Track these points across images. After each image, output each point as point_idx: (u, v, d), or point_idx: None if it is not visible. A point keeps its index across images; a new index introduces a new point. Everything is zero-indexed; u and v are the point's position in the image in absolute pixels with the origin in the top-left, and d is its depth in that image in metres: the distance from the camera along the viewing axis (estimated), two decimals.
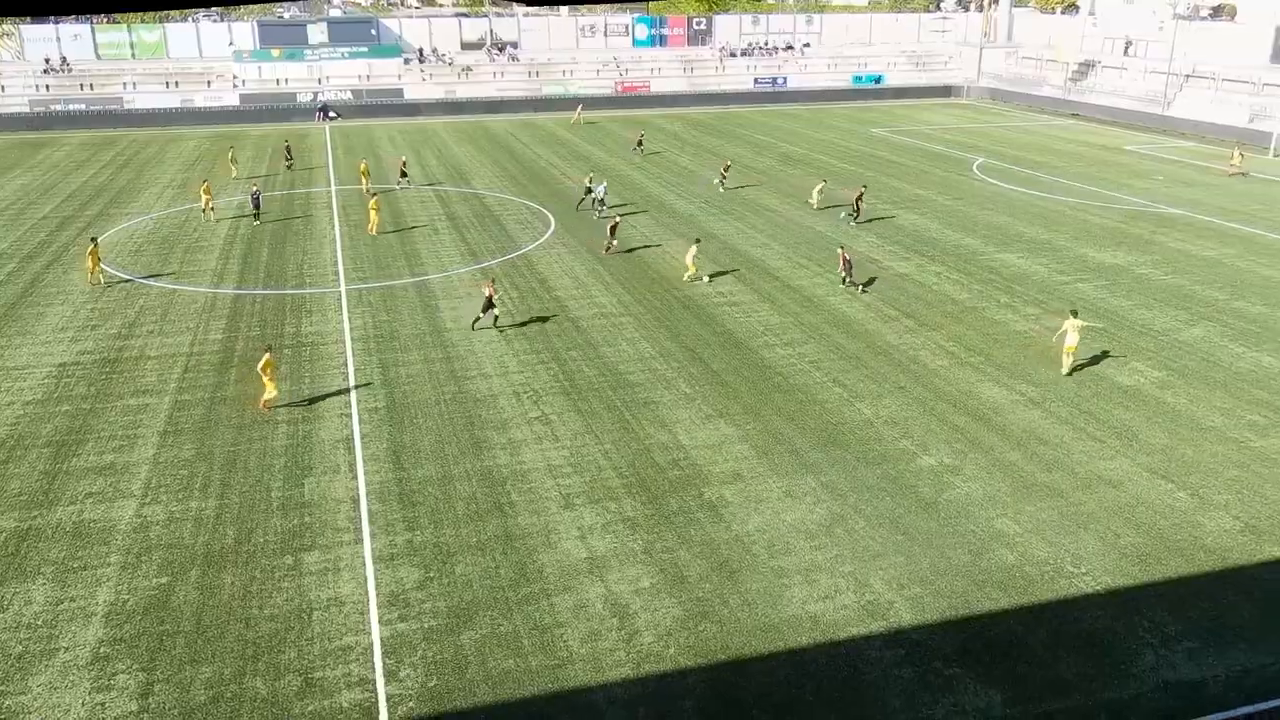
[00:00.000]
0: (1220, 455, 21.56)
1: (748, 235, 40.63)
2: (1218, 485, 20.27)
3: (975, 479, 20.52)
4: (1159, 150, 63.11)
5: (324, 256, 37.71)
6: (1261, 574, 17.25)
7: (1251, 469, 20.94)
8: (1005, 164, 57.32)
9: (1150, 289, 33.41)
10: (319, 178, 53.79)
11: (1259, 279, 34.54)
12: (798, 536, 18.33)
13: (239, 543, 18.10)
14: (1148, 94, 75.93)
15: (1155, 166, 57.18)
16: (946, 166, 56.68)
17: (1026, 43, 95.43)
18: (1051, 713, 13.93)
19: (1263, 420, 23.25)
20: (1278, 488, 20.12)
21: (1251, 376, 25.84)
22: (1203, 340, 28.50)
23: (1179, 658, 15.07)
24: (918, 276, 34.86)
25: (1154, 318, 30.46)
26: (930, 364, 26.71)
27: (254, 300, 32.36)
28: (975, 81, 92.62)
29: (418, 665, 14.87)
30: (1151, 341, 28.40)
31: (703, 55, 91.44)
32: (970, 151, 61.82)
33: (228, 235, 40.97)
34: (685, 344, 28.16)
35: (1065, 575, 17.19)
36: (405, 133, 70.52)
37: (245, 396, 24.53)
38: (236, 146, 59.54)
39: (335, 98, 78.69)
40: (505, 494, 19.86)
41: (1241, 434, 22.55)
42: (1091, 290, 33.20)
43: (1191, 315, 30.71)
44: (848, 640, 15.47)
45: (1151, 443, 22.15)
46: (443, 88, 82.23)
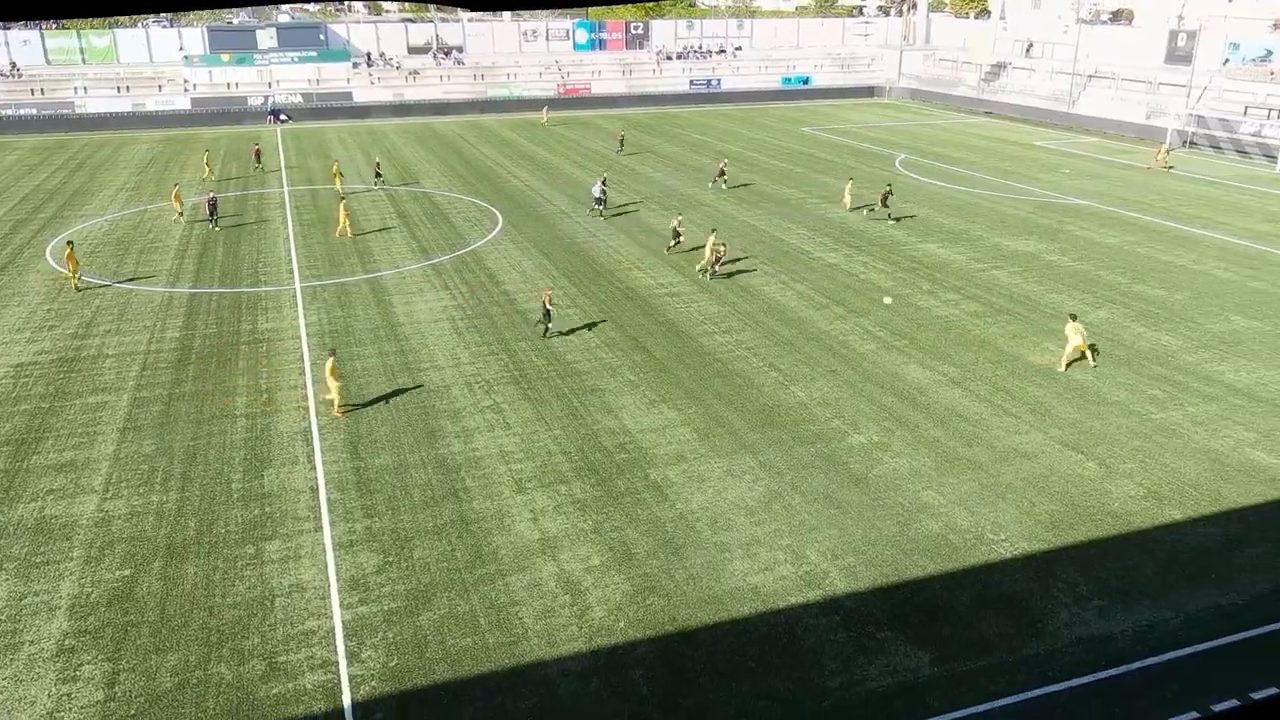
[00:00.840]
0: (1124, 427, 22.17)
1: (686, 229, 40.68)
2: (1122, 455, 20.85)
3: (902, 455, 20.85)
4: (1066, 146, 64.48)
5: (278, 255, 37.01)
6: (1162, 536, 17.80)
7: (1152, 439, 21.57)
8: (925, 159, 58.14)
9: (1059, 275, 34.18)
10: (272, 179, 52.72)
11: (1157, 264, 35.53)
12: (738, 513, 18.49)
13: (201, 534, 17.76)
14: (1054, 93, 77.49)
15: (1062, 161, 58.44)
16: (871, 162, 57.33)
17: (943, 45, 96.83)
18: (976, 671, 14.25)
19: (1162, 394, 23.96)
20: (1176, 456, 20.77)
21: (1151, 354, 26.59)
22: (1107, 321, 29.25)
23: (1090, 615, 15.50)
24: (845, 266, 35.25)
25: (1063, 300, 31.18)
26: (859, 348, 27.05)
27: (210, 299, 31.66)
28: (896, 82, 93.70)
29: (379, 646, 14.74)
30: (1061, 323, 29.05)
31: (641, 58, 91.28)
32: (893, 148, 62.60)
33: (183, 236, 39.99)
34: (629, 334, 28.18)
35: (986, 542, 17.56)
36: (355, 134, 69.38)
37: (203, 393, 24.03)
38: (211, 150, 58.06)
39: (286, 101, 77.10)
40: (460, 480, 19.73)
41: (1143, 407, 23.21)
42: (1006, 277, 33.87)
43: (1097, 298, 31.49)
44: (787, 609, 15.66)
45: (1062, 417, 22.69)
46: (391, 90, 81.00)
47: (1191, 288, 32.43)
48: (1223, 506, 18.75)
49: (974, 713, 13.44)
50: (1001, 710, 13.49)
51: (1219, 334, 28.13)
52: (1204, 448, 21.15)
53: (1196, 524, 18.16)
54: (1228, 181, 52.14)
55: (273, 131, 71.09)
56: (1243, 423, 22.34)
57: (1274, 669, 14.20)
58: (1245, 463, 20.46)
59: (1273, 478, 19.80)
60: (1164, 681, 14.03)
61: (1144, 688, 13.91)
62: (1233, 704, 13.37)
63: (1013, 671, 14.23)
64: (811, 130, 71.35)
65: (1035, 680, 14.02)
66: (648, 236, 39.48)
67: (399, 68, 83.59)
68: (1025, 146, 63.96)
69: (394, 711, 13.48)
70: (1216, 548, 17.37)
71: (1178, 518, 18.39)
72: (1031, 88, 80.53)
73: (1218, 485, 19.54)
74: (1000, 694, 13.76)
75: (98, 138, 68.44)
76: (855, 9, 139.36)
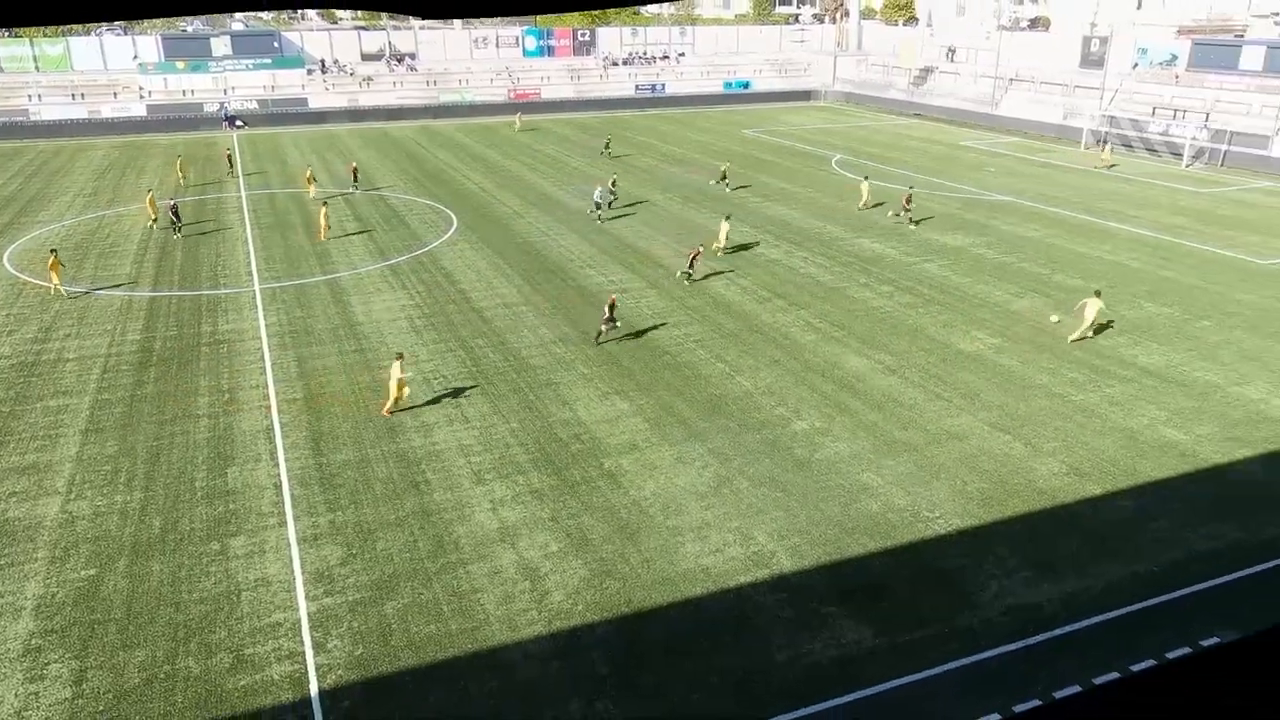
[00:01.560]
0: (1047, 409, 22.66)
1: (635, 228, 40.71)
2: (1046, 435, 21.32)
3: (842, 439, 21.09)
4: (990, 145, 65.61)
5: (237, 258, 36.26)
6: (1084, 510, 18.24)
7: (1074, 420, 22.08)
8: (860, 159, 58.74)
9: (985, 267, 34.81)
10: (229, 183, 51.61)
11: (1073, 255, 36.35)
12: (689, 498, 18.56)
13: (165, 532, 17.37)
14: (979, 96, 78.78)
15: (987, 160, 59.47)
16: (809, 163, 57.81)
17: (874, 51, 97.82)
18: (914, 642, 14.49)
19: (1081, 378, 24.53)
20: (1095, 435, 21.29)
21: (1076, 343, 27.18)
22: (1030, 310, 29.85)
23: (1019, 586, 15.83)
24: (787, 261, 35.53)
25: (989, 291, 31.76)
26: (800, 339, 27.29)
27: (170, 302, 30.93)
28: (831, 86, 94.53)
29: (344, 636, 14.56)
30: (988, 312, 29.62)
31: (588, 64, 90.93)
32: (829, 149, 63.17)
33: (141, 241, 38.99)
34: (582, 329, 28.10)
35: (922, 520, 17.84)
36: (311, 139, 68.19)
37: (165, 394, 23.49)
38: (184, 156, 56.50)
39: (242, 107, 75.47)
40: (420, 473, 19.55)
41: (1064, 390, 23.75)
42: (936, 270, 34.41)
43: (1020, 288, 32.12)
44: (736, 588, 15.77)
45: (991, 401, 23.13)
46: (345, 96, 79.74)
47: (1107, 277, 33.22)
48: (1137, 481, 19.27)
49: (913, 681, 13.67)
50: (938, 678, 13.73)
51: (1132, 320, 28.87)
52: (1120, 426, 21.70)
53: (1114, 498, 18.64)
54: (1138, 178, 53.49)
55: (229, 137, 69.58)
56: (1155, 402, 22.97)
57: (1186, 631, 14.64)
58: (1158, 439, 21.04)
59: (1182, 453, 20.39)
60: (1086, 646, 14.39)
61: (1069, 652, 14.24)
62: (1149, 664, 13.77)
63: (948, 641, 14.49)
64: (752, 132, 71.72)
65: (969, 649, 14.30)
66: (598, 236, 39.39)
67: (353, 74, 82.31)
68: (953, 146, 64.95)
69: (360, 699, 13.33)
70: (1132, 519, 17.85)
71: (1097, 492, 18.86)
72: (957, 91, 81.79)
73: (1133, 461, 20.07)
74: (937, 662, 14.01)
75: (53, 145, 66.36)
76: (791, 17, 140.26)
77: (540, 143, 66.24)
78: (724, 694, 13.41)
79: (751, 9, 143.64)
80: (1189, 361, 25.53)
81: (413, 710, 13.12)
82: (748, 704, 13.22)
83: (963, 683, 13.63)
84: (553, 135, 69.98)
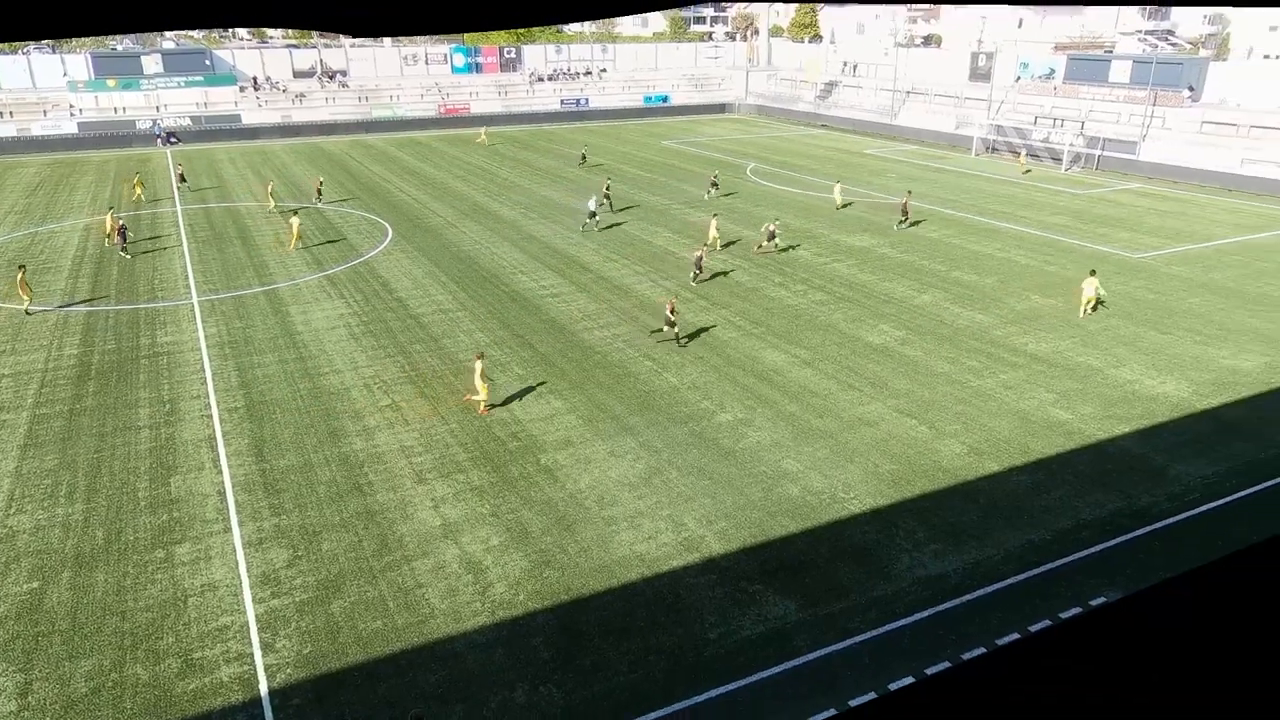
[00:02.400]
0: (949, 395, 23.30)
1: (563, 235, 40.55)
2: (948, 418, 21.91)
3: (764, 429, 21.35)
4: (890, 153, 67.12)
5: (174, 271, 34.99)
6: (983, 486, 18.80)
7: (972, 404, 22.75)
8: (772, 167, 59.53)
9: (889, 265, 35.61)
10: (165, 198, 49.76)
11: (969, 254, 37.44)
12: (622, 489, 18.57)
13: (109, 542, 16.68)
14: (879, 107, 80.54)
15: (888, 166, 60.82)
16: (725, 171, 58.31)
17: (783, 66, 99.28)
18: (835, 613, 14.75)
19: (978, 365, 25.28)
20: (993, 417, 21.97)
21: (968, 331, 28.03)
22: (931, 304, 30.65)
23: (927, 558, 16.24)
24: (707, 264, 35.75)
25: (893, 288, 32.51)
26: (722, 336, 27.53)
27: (107, 316, 29.69)
28: (744, 99, 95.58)
29: (292, 636, 14.18)
30: (893, 308, 30.31)
31: (515, 80, 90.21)
32: (743, 158, 63.84)
33: (75, 256, 37.34)
34: (516, 332, 27.89)
35: (838, 500, 18.17)
36: (246, 154, 66.18)
37: (105, 407, 22.55)
38: (143, 172, 54.19)
39: (175, 124, 72.84)
40: (363, 475, 19.15)
41: (964, 377, 24.45)
42: (845, 269, 35.07)
43: (921, 284, 32.95)
44: (669, 571, 15.84)
45: (897, 388, 23.67)
46: (279, 113, 77.57)
47: (998, 273, 34.30)
48: (1030, 457, 19.95)
49: (835, 650, 13.92)
50: (858, 645, 14.01)
51: (1021, 311, 29.87)
52: (1014, 408, 22.43)
53: (1010, 473, 19.26)
54: (1023, 181, 55.36)
55: (163, 154, 67.11)
56: (1044, 385, 23.81)
57: (1077, 593, 15.21)
58: (1047, 419, 21.82)
59: (1069, 431, 21.18)
60: (989, 610, 14.84)
61: (974, 616, 14.68)
62: (1045, 624, 14.27)
63: (865, 611, 14.79)
64: (672, 143, 72.06)
65: (885, 617, 14.62)
66: (528, 243, 39.13)
67: (285, 91, 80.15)
68: (856, 154, 66.24)
69: (310, 696, 13.01)
70: (1026, 492, 18.47)
71: (995, 469, 19.45)
72: (859, 103, 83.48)
73: (1026, 440, 20.77)
74: (856, 631, 14.29)
75: None
76: (705, 35, 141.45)
77: (470, 155, 65.50)
78: (661, 671, 13.46)
79: (668, 27, 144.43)
80: (1072, 348, 26.52)
81: (363, 704, 12.86)
82: (683, 679, 13.30)
83: (880, 649, 13.94)
84: (481, 149, 69.24)
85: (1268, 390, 23.39)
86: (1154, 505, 17.91)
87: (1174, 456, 19.85)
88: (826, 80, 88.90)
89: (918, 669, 13.35)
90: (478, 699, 12.91)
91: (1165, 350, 26.24)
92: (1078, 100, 65.44)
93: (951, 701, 1.49)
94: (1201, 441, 20.54)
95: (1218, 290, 32.12)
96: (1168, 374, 24.47)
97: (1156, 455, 19.93)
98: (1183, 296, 31.28)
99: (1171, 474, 19.12)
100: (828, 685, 13.15)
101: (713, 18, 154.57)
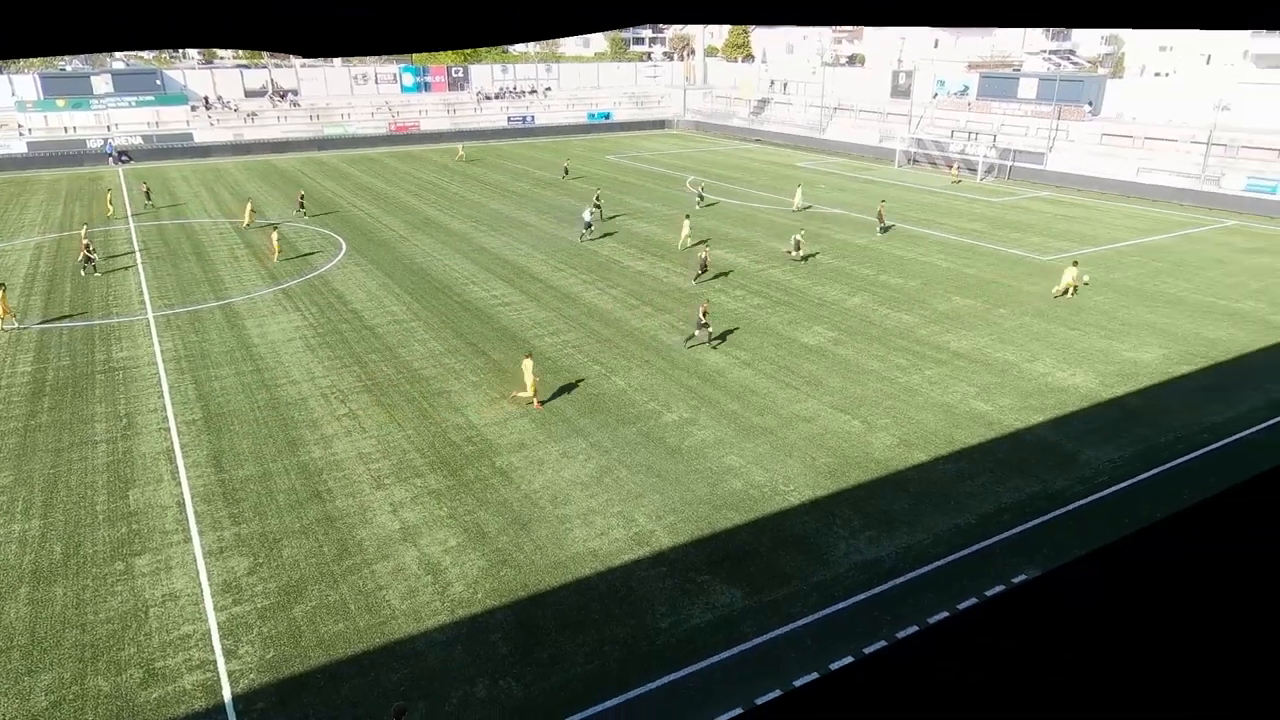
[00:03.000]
0: (879, 390, 23.70)
1: (514, 247, 40.29)
2: (879, 413, 22.29)
3: (708, 427, 21.46)
4: (820, 165, 68.07)
5: (129, 287, 33.87)
6: (913, 475, 19.17)
7: (901, 399, 23.18)
8: (710, 180, 59.89)
9: (821, 271, 36.12)
10: (118, 216, 48.14)
11: (895, 259, 38.17)
12: (575, 488, 18.50)
13: (67, 556, 16.05)
14: (809, 123, 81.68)
15: (819, 178, 61.69)
16: (666, 184, 58.57)
17: (718, 84, 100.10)
18: (778, 599, 14.89)
19: (906, 363, 25.78)
20: (919, 410, 22.41)
21: (896, 331, 28.56)
22: (860, 306, 31.17)
23: (863, 544, 16.49)
24: (651, 273, 35.88)
25: (826, 292, 32.97)
26: (666, 341, 27.61)
27: (61, 333, 28.61)
28: (682, 116, 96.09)
29: (255, 641, 13.82)
30: (826, 310, 30.74)
31: (462, 99, 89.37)
32: (683, 171, 64.13)
33: (28, 274, 35.90)
34: (469, 340, 27.61)
35: (779, 493, 18.35)
36: (199, 172, 64.41)
37: (61, 423, 21.72)
38: (114, 190, 52.57)
39: (127, 142, 70.53)
40: (322, 482, 18.76)
41: (892, 374, 24.90)
42: (780, 275, 35.46)
43: (852, 288, 33.49)
44: (621, 565, 15.82)
45: (832, 386, 24.00)
46: (231, 131, 75.62)
47: (922, 276, 35.03)
48: (955, 447, 20.40)
49: (779, 634, 14.05)
50: (800, 629, 14.16)
51: (944, 311, 30.55)
52: (939, 402, 22.92)
53: (937, 463, 19.67)
54: (943, 190, 56.65)
55: (115, 173, 64.96)
56: (965, 380, 24.37)
57: (1000, 572, 15.60)
58: (969, 411, 22.34)
59: (989, 422, 21.72)
60: (921, 591, 15.12)
61: (907, 597, 14.94)
62: (971, 601, 14.60)
63: (807, 596, 14.95)
64: (614, 158, 72.11)
65: (825, 601, 14.80)
66: (479, 255, 38.79)
67: (237, 110, 78.22)
68: (789, 167, 67.03)
69: (274, 699, 12.68)
70: (952, 480, 18.88)
71: (923, 459, 19.84)
72: (790, 119, 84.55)
73: (950, 431, 21.23)
74: (799, 615, 14.44)
75: None
76: (645, 55, 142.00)
77: (419, 170, 64.70)
78: (616, 660, 13.43)
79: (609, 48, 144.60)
80: (991, 344, 27.21)
81: (326, 704, 12.58)
82: (637, 668, 13.29)
83: (821, 631, 14.10)
84: (431, 164, 68.45)
85: (1166, 380, 24.30)
86: (1067, 488, 18.45)
87: (1084, 443, 20.49)
88: (759, 97, 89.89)
89: (856, 649, 13.54)
90: (439, 695, 12.73)
91: (1074, 345, 27.08)
92: (990, 115, 67.26)
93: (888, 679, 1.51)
94: (1108, 428, 21.23)
95: (1119, 289, 33.27)
96: (1077, 367, 25.25)
97: (1068, 442, 20.54)
98: (1088, 295, 32.32)
99: (1082, 459, 19.72)
100: (773, 668, 13.26)
101: (651, 38, 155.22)
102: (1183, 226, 45.48)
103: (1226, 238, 42.69)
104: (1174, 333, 28.16)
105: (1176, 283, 34.15)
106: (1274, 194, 49.05)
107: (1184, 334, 28.03)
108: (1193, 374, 24.64)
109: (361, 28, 1.14)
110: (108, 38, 1.07)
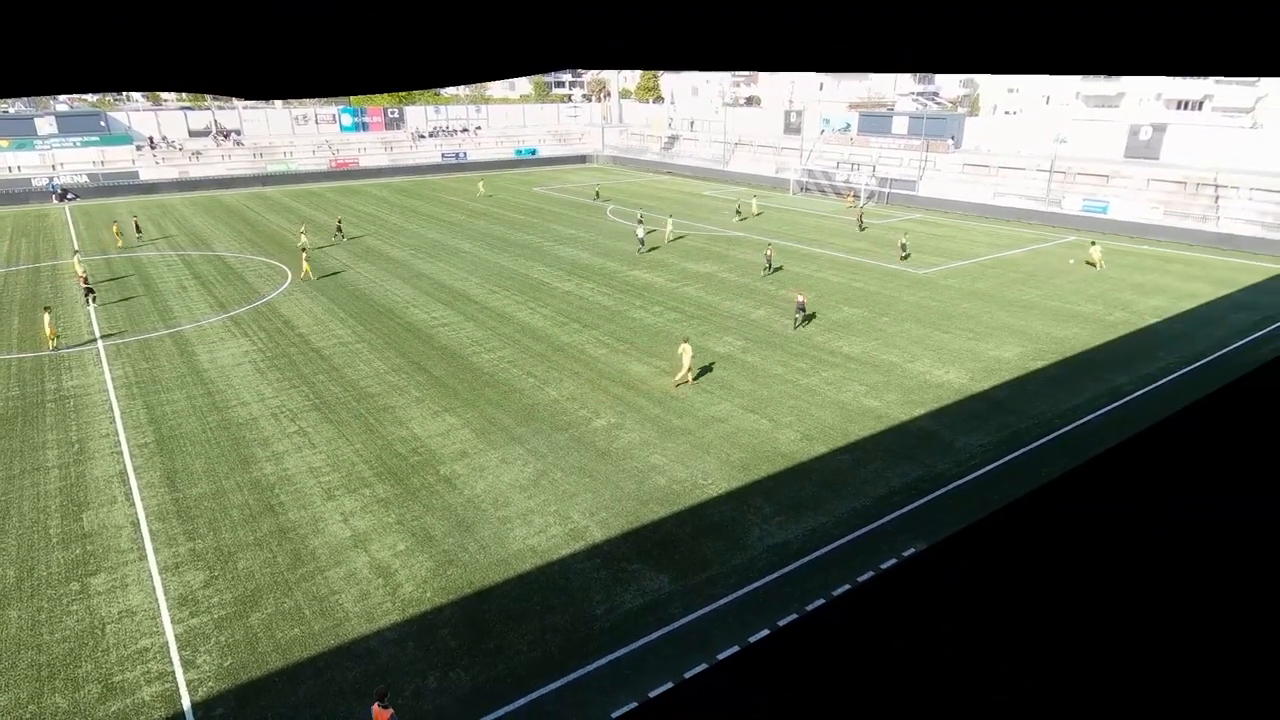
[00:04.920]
0: (783, 392, 24.15)
1: (450, 272, 39.64)
2: (784, 412, 22.71)
3: (633, 430, 21.49)
4: (724, 194, 69.17)
5: (77, 319, 31.95)
6: (816, 465, 19.58)
7: (802, 399, 23.67)
8: (628, 208, 60.23)
9: (729, 287, 36.66)
10: (64, 250, 45.40)
11: (793, 275, 39.03)
12: (514, 491, 18.26)
13: (21, 580, 14.98)
14: (713, 156, 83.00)
15: (723, 205, 62.69)
16: (588, 212, 58.61)
17: (633, 123, 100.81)
18: (701, 582, 14.98)
19: (806, 366, 26.35)
20: (818, 408, 22.93)
21: (796, 339, 29.17)
22: (764, 318, 31.74)
23: (774, 528, 16.75)
24: (578, 293, 35.80)
25: (733, 306, 33.47)
26: (594, 354, 27.57)
27: (9, 364, 26.77)
28: (601, 151, 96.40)
29: (213, 651, 13.14)
30: (734, 322, 31.20)
31: (399, 137, 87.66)
32: (603, 201, 64.32)
33: None
34: (411, 359, 27.00)
35: (699, 486, 18.49)
36: (145, 208, 61.29)
37: (11, 450, 20.29)
38: (120, 220, 50.05)
39: (72, 181, 66.66)
40: (275, 496, 18.02)
41: (795, 377, 25.41)
42: (694, 291, 35.85)
43: (756, 302, 34.08)
44: (559, 560, 15.67)
45: (742, 389, 24.35)
46: (176, 169, 72.28)
47: (817, 289, 35.90)
48: (850, 439, 20.93)
49: (704, 613, 14.12)
50: (723, 607, 14.27)
51: (836, 320, 31.37)
52: (835, 400, 23.50)
53: (835, 454, 20.14)
54: (831, 214, 58.28)
55: (60, 210, 61.28)
56: (857, 380, 25.06)
57: (892, 546, 16.05)
58: (861, 407, 22.97)
59: (878, 416, 22.38)
60: (826, 567, 15.44)
61: (814, 574, 15.23)
62: (869, 574, 14.98)
63: (727, 578, 15.09)
64: (541, 189, 71.80)
65: (742, 581, 14.96)
66: (419, 280, 38.03)
67: (181, 149, 74.86)
68: (696, 195, 67.90)
69: (233, 704, 12.08)
70: (849, 468, 19.37)
71: (823, 451, 20.29)
72: (697, 153, 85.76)
73: (846, 425, 21.78)
74: (720, 596, 14.55)
75: None
76: (566, 97, 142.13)
77: (361, 204, 63.11)
78: (557, 647, 13.28)
79: (533, 90, 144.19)
80: (877, 348, 28.06)
81: (284, 706, 12.05)
82: (576, 652, 13.16)
83: (741, 608, 14.24)
84: (372, 197, 66.86)
85: (1024, 374, 25.51)
86: (946, 471, 19.14)
87: (958, 431, 21.30)
88: (669, 134, 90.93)
89: (772, 622, 13.72)
90: (394, 689, 12.33)
91: (947, 346, 28.17)
92: (869, 149, 69.63)
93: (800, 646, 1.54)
94: (978, 418, 22.14)
95: (982, 297, 34.79)
96: (950, 365, 26.27)
97: (945, 431, 21.33)
98: (957, 303, 33.69)
99: (958, 445, 20.50)
100: (701, 644, 13.32)
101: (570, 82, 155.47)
102: (1032, 242, 47.91)
103: (1068, 251, 45.15)
104: (1029, 333, 29.60)
105: (1029, 290, 35.92)
106: (1105, 213, 52.22)
107: (1038, 334, 29.49)
108: (1046, 368, 25.93)
109: (299, 70, 1.11)
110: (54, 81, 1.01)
